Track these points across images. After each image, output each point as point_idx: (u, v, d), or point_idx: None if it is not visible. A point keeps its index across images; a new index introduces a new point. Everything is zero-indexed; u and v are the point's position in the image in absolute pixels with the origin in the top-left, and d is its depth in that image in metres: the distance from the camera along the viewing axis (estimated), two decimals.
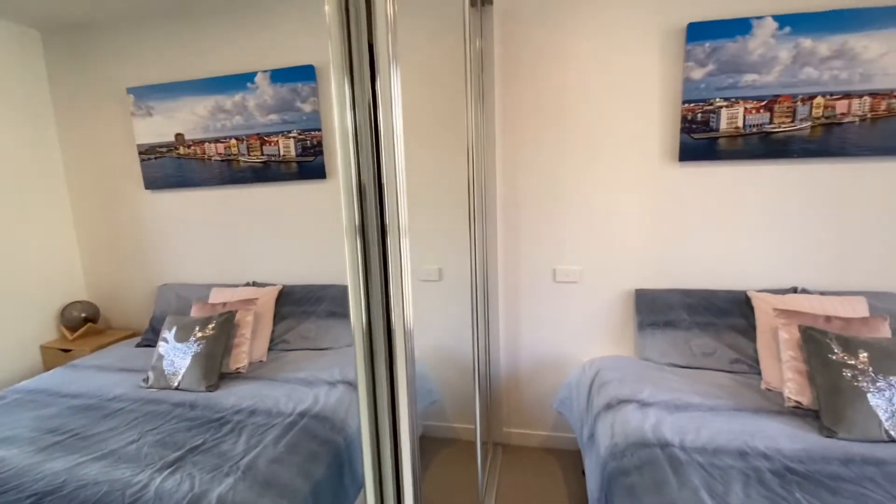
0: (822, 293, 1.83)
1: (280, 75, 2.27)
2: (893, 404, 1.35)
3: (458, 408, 2.37)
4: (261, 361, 2.11)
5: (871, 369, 1.40)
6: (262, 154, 2.38)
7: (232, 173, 2.45)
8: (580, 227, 2.10)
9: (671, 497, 1.15)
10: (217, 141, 2.43)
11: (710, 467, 1.25)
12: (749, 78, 1.80)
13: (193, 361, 1.87)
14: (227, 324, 1.99)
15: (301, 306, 2.31)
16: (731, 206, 1.94)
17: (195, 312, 2.19)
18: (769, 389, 1.66)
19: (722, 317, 1.88)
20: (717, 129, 1.85)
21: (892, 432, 1.33)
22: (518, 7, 1.99)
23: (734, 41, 1.79)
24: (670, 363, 1.88)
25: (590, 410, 1.73)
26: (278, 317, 2.30)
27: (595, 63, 1.96)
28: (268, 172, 2.39)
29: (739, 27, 1.77)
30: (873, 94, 1.72)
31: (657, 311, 1.97)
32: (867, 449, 1.30)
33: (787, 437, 1.37)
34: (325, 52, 2.14)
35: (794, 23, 1.74)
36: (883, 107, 1.72)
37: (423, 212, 2.20)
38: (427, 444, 2.35)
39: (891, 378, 1.38)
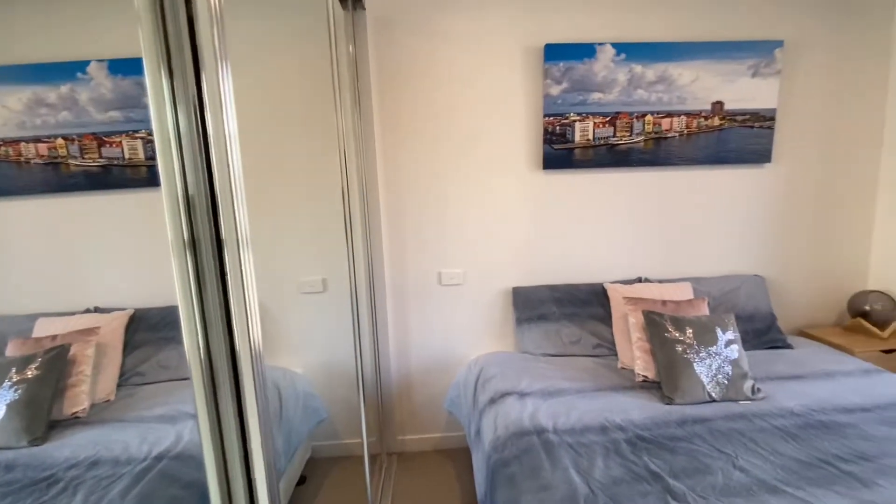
0: (660, 281, 2.15)
1: (120, 66, 1.96)
2: (712, 370, 1.64)
3: (352, 423, 2.29)
4: (107, 401, 1.79)
5: (695, 343, 1.68)
6: (101, 157, 2.03)
7: (61, 179, 2.04)
8: (461, 230, 2.18)
9: (546, 480, 1.24)
10: (38, 140, 2.01)
11: (577, 446, 1.38)
12: (596, 96, 2.05)
13: (10, 412, 1.51)
14: (56, 361, 1.65)
15: (159, 332, 2.01)
16: (588, 208, 2.18)
17: (12, 350, 1.77)
18: (624, 368, 1.89)
19: (584, 307, 2.11)
20: (573, 141, 2.08)
21: (712, 394, 1.61)
22: (391, 14, 2.00)
23: (583, 63, 2.02)
24: (545, 353, 2.04)
25: (476, 407, 1.79)
26: (130, 346, 1.97)
27: (468, 75, 2.06)
28: (109, 178, 2.05)
29: (586, 51, 2.01)
30: (687, 114, 2.09)
31: (531, 306, 2.13)
32: (696, 410, 1.56)
33: (638, 409, 1.58)
34: None
35: (628, 50, 2.02)
36: (695, 125, 2.09)
37: (300, 221, 2.09)
38: (318, 466, 2.22)
39: (710, 348, 1.67)
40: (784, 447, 1.33)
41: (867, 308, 2.09)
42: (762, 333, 2.05)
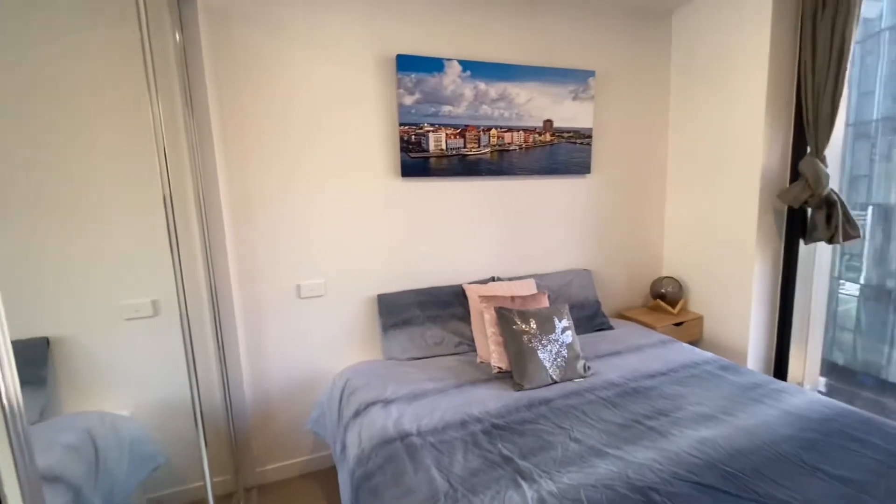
0: (510, 279, 2.37)
1: None
2: (552, 355, 1.85)
3: (200, 464, 2.00)
4: None
5: (538, 332, 1.88)
6: None
7: None
8: (320, 240, 2.08)
9: (408, 484, 1.25)
10: None
11: (440, 444, 1.42)
12: (446, 109, 2.16)
13: None
14: None
15: None
16: (445, 214, 2.29)
17: None
18: (482, 362, 2.02)
19: (446, 308, 2.20)
20: (428, 150, 2.16)
21: (553, 376, 1.82)
22: (228, 5, 1.82)
23: (433, 76, 2.11)
24: (410, 357, 2.07)
25: (340, 422, 1.73)
26: None
27: (321, 79, 1.98)
28: None
29: (435, 65, 2.11)
30: (525, 130, 2.34)
31: (396, 312, 2.15)
32: (541, 393, 1.74)
33: (493, 399, 1.70)
34: None
35: (472, 68, 2.18)
36: (531, 140, 2.36)
37: (120, 234, 1.76)
38: None
39: (550, 336, 1.89)
40: (607, 414, 1.57)
41: (663, 291, 2.61)
42: (591, 318, 2.40)
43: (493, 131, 2.26)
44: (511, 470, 1.28)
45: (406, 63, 2.06)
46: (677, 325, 2.46)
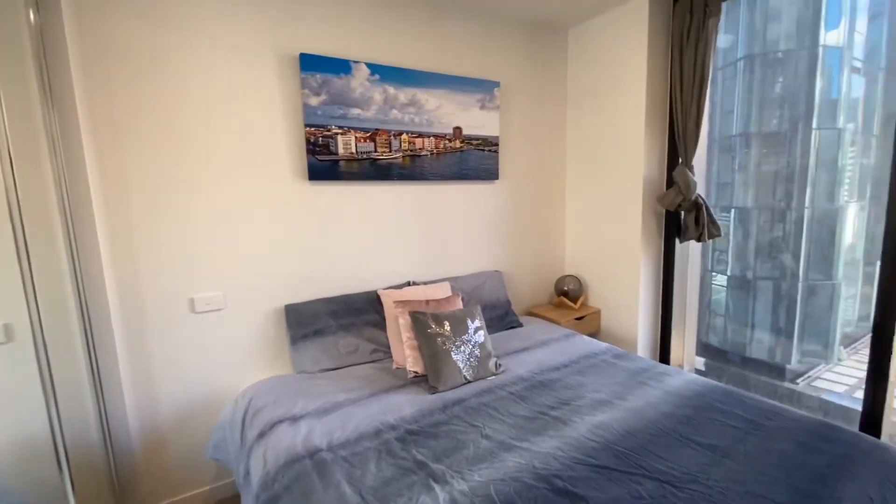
0: (426, 283, 2.38)
1: None
2: (465, 355, 1.89)
3: None
4: None
5: (452, 334, 1.91)
6: None
7: None
8: (218, 249, 1.92)
9: (317, 502, 1.19)
10: None
11: (352, 457, 1.38)
12: (355, 112, 2.12)
13: None
14: None
15: None
16: (358, 219, 2.24)
17: None
18: (398, 368, 2.01)
19: (360, 316, 2.15)
20: (337, 153, 2.10)
21: (467, 376, 1.86)
22: None
23: (340, 78, 2.06)
24: (323, 369, 1.99)
25: (244, 445, 1.60)
26: None
27: (217, 74, 1.83)
28: None
29: (342, 67, 2.06)
30: (435, 136, 2.38)
31: (306, 322, 2.05)
32: (455, 394, 1.77)
33: (409, 404, 1.69)
34: None
35: (381, 72, 2.17)
36: (442, 146, 2.40)
37: None
38: None
39: (463, 337, 1.93)
40: (516, 408, 1.65)
41: (566, 288, 2.81)
42: (502, 318, 2.51)
43: (405, 136, 2.27)
44: (424, 474, 1.28)
45: (310, 63, 1.99)
46: (579, 319, 2.66)
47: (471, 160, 2.50)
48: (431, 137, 2.36)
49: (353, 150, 2.14)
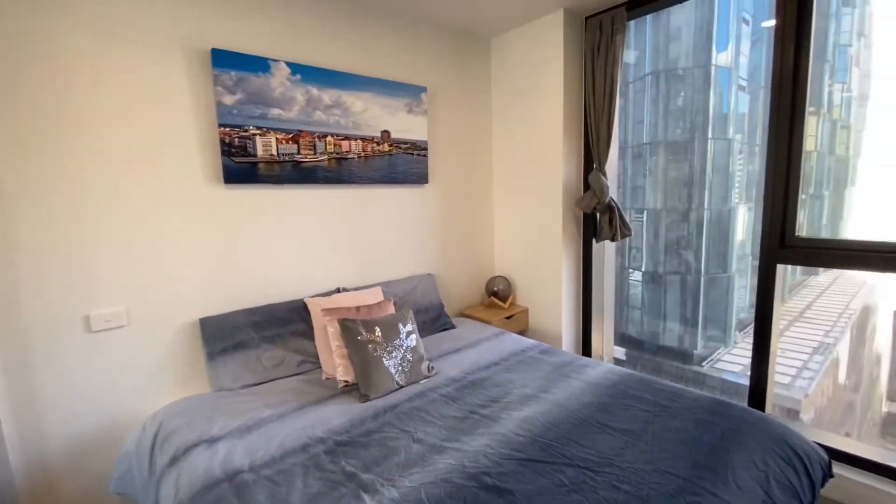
0: (356, 289, 2.33)
1: None
2: (398, 360, 1.88)
3: None
4: None
5: (383, 340, 1.88)
6: None
7: None
8: (120, 259, 1.73)
9: None
10: None
11: (276, 476, 1.31)
12: (276, 112, 2.03)
13: None
14: None
15: None
16: (282, 224, 2.14)
17: None
18: (328, 378, 1.94)
19: (286, 326, 2.05)
20: (256, 155, 1.99)
21: (399, 381, 1.85)
22: None
23: (258, 76, 1.96)
24: (245, 385, 1.87)
25: (153, 475, 1.45)
26: None
27: (112, 65, 1.65)
28: None
29: (260, 65, 1.96)
30: (363, 139, 2.34)
31: (225, 336, 1.91)
32: (387, 400, 1.74)
33: (339, 415, 1.64)
34: None
35: (303, 72, 2.09)
36: (370, 149, 2.37)
37: None
38: None
39: (394, 342, 1.91)
40: (448, 409, 1.66)
41: (496, 289, 2.89)
42: (435, 320, 2.52)
43: (330, 138, 2.21)
44: (354, 486, 1.25)
45: (224, 59, 1.87)
46: (508, 318, 2.76)
47: (400, 164, 2.49)
48: (359, 140, 2.32)
49: (274, 152, 2.04)
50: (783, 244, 1.90)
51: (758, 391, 2.04)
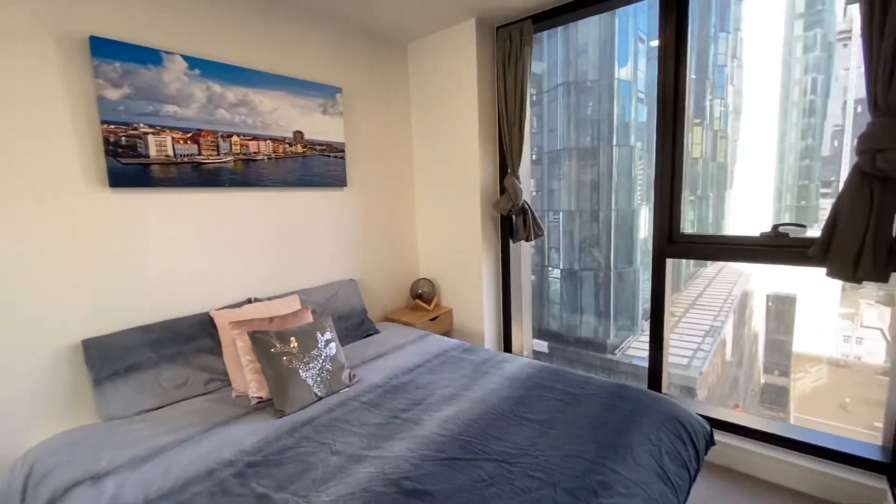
0: (270, 298, 2.20)
1: None
2: (316, 371, 1.80)
3: None
4: None
5: (299, 351, 1.80)
6: None
7: None
8: None
9: None
10: None
11: None
12: (171, 109, 1.86)
13: None
14: None
15: None
16: (181, 232, 1.96)
17: None
18: (239, 396, 1.81)
19: (189, 343, 1.88)
20: (148, 156, 1.80)
21: (318, 393, 1.77)
22: None
23: (147, 69, 1.78)
24: (141, 411, 1.68)
25: None
26: None
27: None
28: None
29: (150, 56, 1.79)
30: (273, 140, 2.22)
31: (115, 358, 1.71)
32: (304, 413, 1.67)
33: (251, 434, 1.53)
34: None
35: (202, 67, 1.94)
36: (281, 150, 2.26)
37: None
38: None
39: (312, 352, 1.84)
40: (369, 417, 1.63)
41: (420, 291, 2.90)
42: (358, 326, 2.47)
43: (235, 138, 2.07)
44: None
45: (105, 48, 1.67)
46: (433, 319, 2.78)
47: (316, 166, 2.41)
48: (268, 141, 2.20)
49: (171, 153, 1.87)
50: (671, 240, 2.12)
51: (655, 374, 2.26)
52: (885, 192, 1.48)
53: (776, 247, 1.84)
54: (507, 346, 2.90)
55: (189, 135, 1.91)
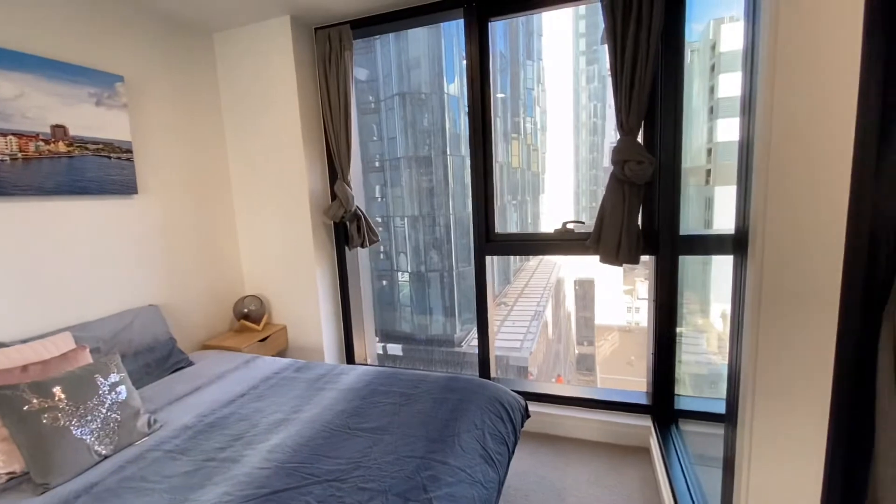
0: (25, 341, 1.69)
1: None
2: (99, 423, 1.45)
3: None
4: None
5: (69, 403, 1.42)
6: None
7: None
8: None
9: None
10: None
11: None
12: None
13: None
14: None
15: None
16: None
17: None
18: None
19: None
20: None
21: (103, 451, 1.43)
22: None
23: None
24: None
25: None
26: None
27: None
28: None
29: None
30: (19, 135, 1.72)
31: None
32: (82, 480, 1.32)
33: None
34: None
35: None
36: (32, 148, 1.76)
37: None
38: None
39: (91, 402, 1.47)
40: (173, 467, 1.37)
41: (246, 310, 2.61)
42: (164, 360, 2.08)
43: None
44: None
45: None
46: (263, 340, 2.53)
47: (89, 169, 1.95)
48: (10, 136, 1.69)
49: None
50: (489, 239, 2.34)
51: (484, 360, 2.46)
52: (632, 193, 1.89)
53: (566, 240, 2.19)
54: (350, 357, 2.82)
55: None
